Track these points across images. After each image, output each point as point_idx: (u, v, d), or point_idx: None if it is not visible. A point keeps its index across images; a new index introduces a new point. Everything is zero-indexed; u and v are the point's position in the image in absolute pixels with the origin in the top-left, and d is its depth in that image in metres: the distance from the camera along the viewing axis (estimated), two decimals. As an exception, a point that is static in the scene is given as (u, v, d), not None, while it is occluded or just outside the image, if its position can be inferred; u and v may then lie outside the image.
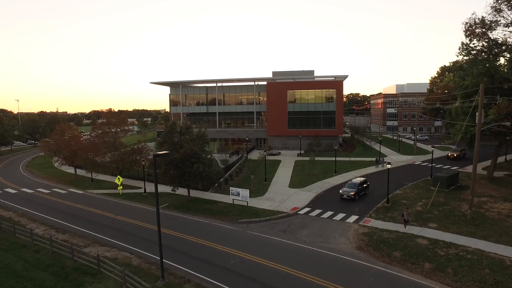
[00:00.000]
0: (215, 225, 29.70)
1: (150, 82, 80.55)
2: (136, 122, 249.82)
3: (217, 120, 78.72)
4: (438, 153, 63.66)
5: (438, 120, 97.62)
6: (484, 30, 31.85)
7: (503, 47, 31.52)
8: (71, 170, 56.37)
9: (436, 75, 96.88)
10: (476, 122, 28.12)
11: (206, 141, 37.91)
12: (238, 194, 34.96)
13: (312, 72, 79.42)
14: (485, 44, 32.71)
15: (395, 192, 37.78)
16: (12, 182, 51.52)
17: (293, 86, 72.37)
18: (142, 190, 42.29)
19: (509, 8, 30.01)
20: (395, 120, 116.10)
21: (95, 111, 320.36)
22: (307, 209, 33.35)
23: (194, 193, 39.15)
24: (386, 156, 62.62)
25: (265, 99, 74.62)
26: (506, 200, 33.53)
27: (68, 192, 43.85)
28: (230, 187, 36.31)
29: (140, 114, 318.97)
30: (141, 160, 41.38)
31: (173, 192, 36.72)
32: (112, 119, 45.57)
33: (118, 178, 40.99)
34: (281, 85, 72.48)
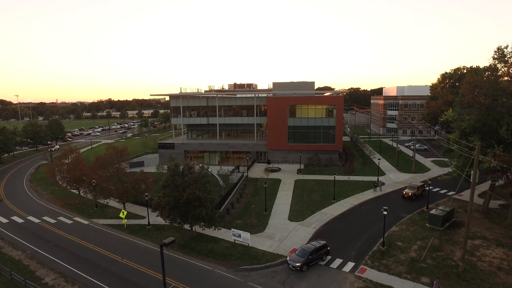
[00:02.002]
0: (218, 274, 30.94)
1: (150, 95, 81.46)
2: (136, 115, 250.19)
3: (218, 131, 79.26)
4: (436, 170, 64.70)
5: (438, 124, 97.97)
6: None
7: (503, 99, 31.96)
8: (75, 189, 57.42)
9: (437, 82, 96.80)
10: (471, 180, 28.92)
11: (208, 181, 38.81)
12: (240, 236, 36.17)
13: (312, 84, 79.44)
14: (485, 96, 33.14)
15: (390, 230, 38.94)
16: (18, 206, 52.74)
17: (293, 101, 72.47)
18: (146, 221, 43.45)
19: (506, 68, 30.31)
20: (395, 123, 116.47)
21: (94, 102, 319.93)
22: (305, 252, 34.54)
23: (197, 227, 40.21)
24: (385, 173, 63.67)
25: (265, 105, 74.73)
26: (499, 244, 34.67)
27: (73, 223, 45.09)
28: (232, 229, 37.45)
29: (140, 105, 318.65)
30: (144, 195, 42.49)
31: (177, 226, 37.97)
32: (113, 156, 46.65)
33: (123, 212, 42.26)
34: (281, 100, 72.62)
